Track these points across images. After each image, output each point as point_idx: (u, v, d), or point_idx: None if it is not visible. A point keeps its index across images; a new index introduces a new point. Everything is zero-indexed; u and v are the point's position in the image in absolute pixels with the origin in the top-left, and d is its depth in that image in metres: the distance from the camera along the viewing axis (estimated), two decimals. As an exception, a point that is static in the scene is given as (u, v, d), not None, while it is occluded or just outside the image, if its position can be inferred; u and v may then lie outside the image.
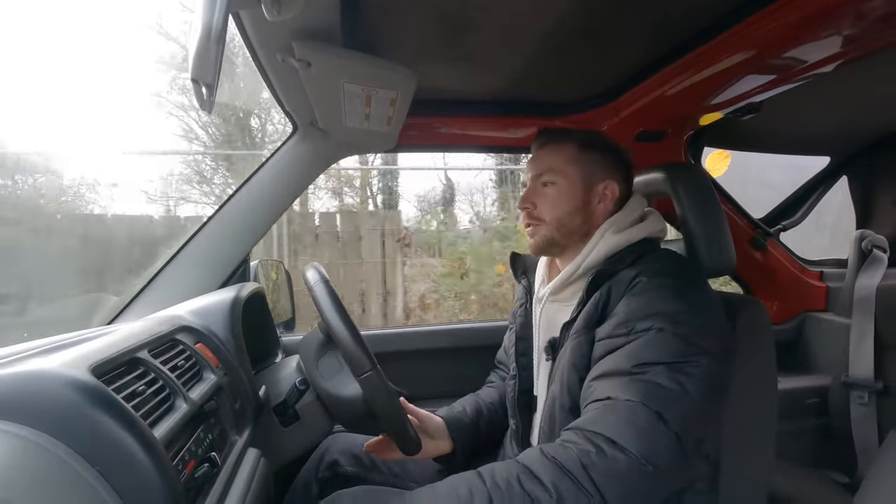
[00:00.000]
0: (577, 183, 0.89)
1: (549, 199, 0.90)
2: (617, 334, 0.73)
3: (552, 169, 0.90)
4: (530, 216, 0.92)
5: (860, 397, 1.35)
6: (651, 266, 0.78)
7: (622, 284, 0.77)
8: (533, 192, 0.92)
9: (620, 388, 0.66)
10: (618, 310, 0.75)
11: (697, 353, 0.68)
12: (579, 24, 0.88)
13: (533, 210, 0.91)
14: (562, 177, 0.89)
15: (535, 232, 0.91)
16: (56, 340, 0.65)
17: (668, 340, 0.69)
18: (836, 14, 0.74)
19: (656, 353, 0.68)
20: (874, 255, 1.48)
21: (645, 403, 0.63)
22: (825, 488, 1.32)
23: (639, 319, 0.72)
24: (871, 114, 1.44)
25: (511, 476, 0.64)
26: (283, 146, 1.17)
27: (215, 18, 0.51)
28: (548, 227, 0.90)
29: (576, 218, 0.89)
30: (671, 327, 0.69)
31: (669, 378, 0.66)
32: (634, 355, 0.69)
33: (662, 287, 0.74)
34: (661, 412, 0.63)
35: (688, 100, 1.13)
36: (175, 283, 1.08)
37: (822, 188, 1.79)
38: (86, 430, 0.47)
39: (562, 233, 0.89)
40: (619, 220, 0.88)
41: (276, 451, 0.88)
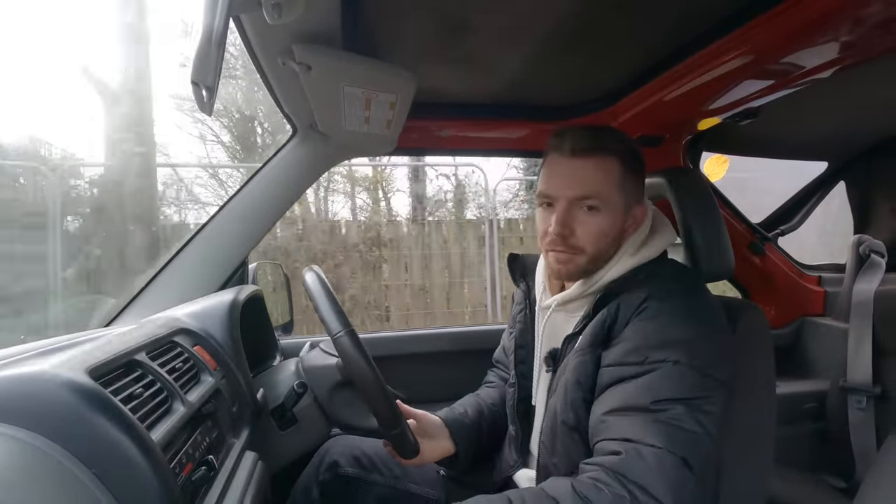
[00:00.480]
0: (619, 210, 0.80)
1: (593, 227, 0.78)
2: (629, 362, 0.69)
3: (600, 193, 0.78)
4: (566, 244, 0.79)
5: (858, 402, 1.35)
6: (660, 287, 0.74)
7: (630, 306, 0.74)
8: (571, 217, 0.79)
9: (642, 430, 0.64)
10: (627, 334, 0.72)
11: (713, 387, 0.67)
12: (578, 28, 0.88)
13: (570, 238, 0.79)
14: (609, 204, 0.78)
15: (568, 260, 0.81)
16: (53, 342, 0.65)
17: (684, 374, 0.66)
18: (833, 20, 0.75)
19: (674, 388, 0.66)
20: (872, 259, 1.49)
21: (671, 450, 0.62)
22: (823, 493, 1.32)
23: (652, 348, 0.68)
24: (869, 119, 1.44)
25: None
26: (283, 149, 1.17)
27: (216, 22, 0.52)
28: (585, 258, 0.80)
29: (611, 248, 0.82)
30: (687, 359, 0.67)
31: (690, 418, 0.64)
32: (651, 390, 0.66)
33: (673, 312, 0.71)
34: (686, 458, 0.62)
35: (686, 104, 1.13)
36: (173, 286, 1.07)
37: (819, 193, 1.80)
38: (83, 432, 0.47)
39: (596, 262, 0.81)
40: (636, 239, 0.83)
41: (274, 454, 0.87)
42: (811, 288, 1.72)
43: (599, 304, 0.79)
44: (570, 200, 0.79)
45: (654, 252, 0.83)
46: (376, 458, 1.04)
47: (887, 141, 1.60)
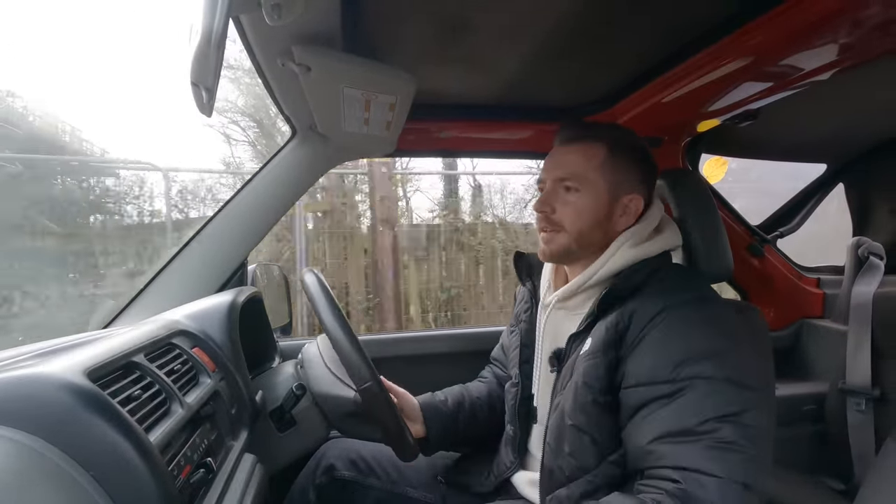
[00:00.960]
0: (603, 194, 0.83)
1: (570, 206, 0.83)
2: (659, 380, 0.68)
3: (577, 174, 0.83)
4: (548, 220, 0.85)
5: (857, 404, 1.35)
6: (674, 296, 0.74)
7: (645, 315, 0.72)
8: (553, 196, 0.85)
9: (696, 457, 0.62)
10: (646, 347, 0.71)
11: (751, 398, 0.66)
12: (577, 30, 0.88)
13: (551, 214, 0.85)
14: (588, 184, 0.83)
15: (551, 239, 0.85)
16: (51, 345, 0.65)
17: (720, 389, 0.65)
18: (832, 22, 0.75)
19: (715, 406, 0.64)
20: (871, 262, 1.49)
21: (731, 478, 0.61)
22: (821, 495, 1.32)
23: (680, 365, 0.67)
24: (868, 121, 1.45)
25: None
26: (282, 150, 1.17)
27: (216, 23, 0.52)
28: (566, 237, 0.84)
29: (596, 231, 0.84)
30: (719, 372, 0.66)
31: (740, 437, 0.63)
32: (692, 412, 0.64)
33: (694, 323, 0.70)
34: (746, 482, 0.61)
35: (685, 106, 1.13)
36: (172, 287, 1.07)
37: (818, 195, 1.80)
38: (81, 434, 0.46)
39: (580, 244, 0.84)
40: (637, 233, 0.84)
41: (273, 456, 0.87)
42: (810, 290, 1.72)
43: (605, 304, 0.78)
44: (553, 181, 0.86)
45: (657, 249, 0.83)
46: (373, 461, 1.03)
47: (886, 143, 1.60)
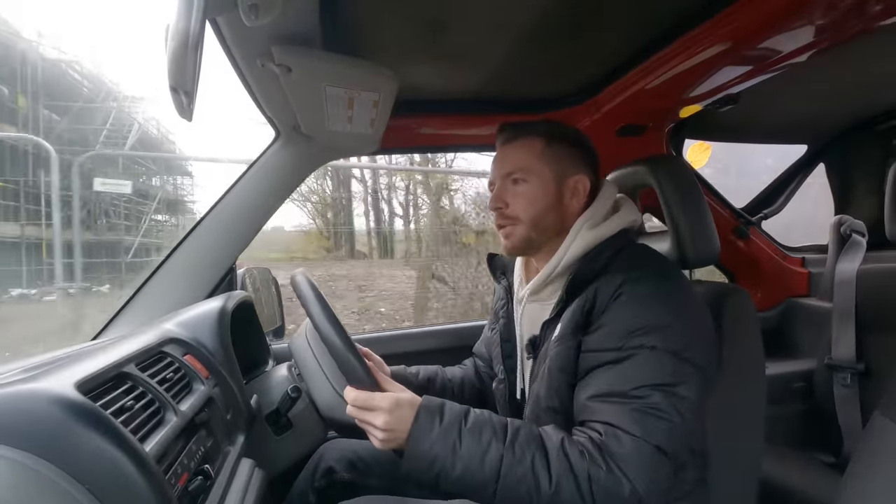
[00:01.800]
0: (548, 179, 0.87)
1: (521, 197, 0.87)
2: (607, 348, 0.73)
3: (522, 166, 0.87)
4: (503, 216, 0.89)
5: (843, 379, 1.38)
6: (635, 272, 0.77)
7: (607, 292, 0.76)
8: (504, 191, 0.89)
9: (622, 416, 0.68)
10: (605, 320, 0.75)
11: (690, 372, 0.70)
12: (557, 21, 0.88)
13: (505, 209, 0.88)
14: (533, 174, 0.87)
15: (510, 233, 0.89)
16: (40, 360, 0.64)
17: (661, 360, 0.70)
18: (807, 4, 0.76)
19: (651, 374, 0.69)
20: (853, 239, 1.52)
21: (647, 440, 0.66)
22: (813, 469, 1.35)
23: (630, 334, 0.72)
24: (845, 101, 1.47)
25: (529, 449, 0.67)
26: (266, 152, 1.16)
27: (192, 25, 0.51)
28: (524, 227, 0.87)
29: (550, 215, 0.87)
30: (663, 343, 0.70)
31: (667, 405, 0.68)
32: (630, 377, 0.70)
33: (649, 297, 0.74)
34: (661, 446, 0.66)
35: (667, 92, 1.14)
36: (161, 295, 1.06)
37: (800, 176, 1.83)
38: (74, 448, 0.46)
39: (538, 231, 0.88)
40: (593, 215, 0.86)
41: (271, 460, 0.87)
42: (795, 269, 1.75)
43: (572, 287, 0.81)
44: (501, 178, 0.90)
45: (615, 227, 0.85)
46: (373, 461, 1.03)
47: (863, 122, 1.63)
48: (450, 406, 0.72)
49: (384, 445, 0.71)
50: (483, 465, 0.66)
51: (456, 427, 0.69)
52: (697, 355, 0.72)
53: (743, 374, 0.91)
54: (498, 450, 0.67)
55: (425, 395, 0.73)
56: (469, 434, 0.68)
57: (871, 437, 0.77)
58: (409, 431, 0.68)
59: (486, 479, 0.66)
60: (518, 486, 0.65)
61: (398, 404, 0.70)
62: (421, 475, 0.68)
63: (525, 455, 0.67)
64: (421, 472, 0.68)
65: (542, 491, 0.65)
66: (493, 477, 0.66)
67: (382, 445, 0.71)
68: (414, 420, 0.69)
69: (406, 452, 0.68)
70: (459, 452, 0.67)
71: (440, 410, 0.70)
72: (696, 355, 0.72)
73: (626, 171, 1.07)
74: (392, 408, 0.70)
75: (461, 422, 0.70)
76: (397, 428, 0.69)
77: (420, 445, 0.67)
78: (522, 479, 0.65)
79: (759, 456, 0.93)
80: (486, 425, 0.70)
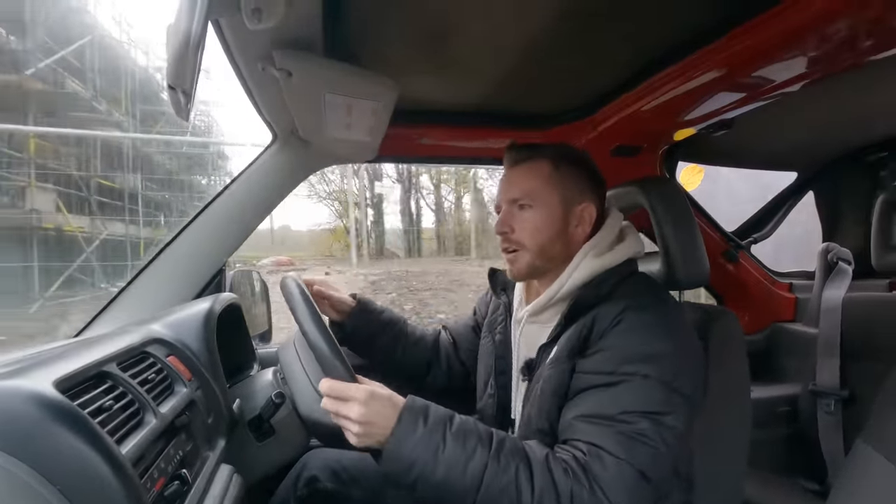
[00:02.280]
0: (555, 207, 0.87)
1: (527, 223, 0.87)
2: (602, 371, 0.73)
3: (529, 192, 0.87)
4: (509, 240, 0.88)
5: (827, 405, 1.39)
6: (636, 301, 0.78)
7: (606, 318, 0.76)
8: (510, 216, 0.89)
9: (607, 439, 0.68)
10: (602, 345, 0.75)
11: (679, 403, 0.71)
12: (558, 39, 0.89)
13: (511, 234, 0.88)
14: (540, 200, 0.87)
15: (516, 259, 0.89)
16: (20, 356, 0.62)
17: (652, 388, 0.70)
18: (801, 36, 0.78)
19: (641, 402, 0.69)
20: (839, 267, 1.54)
21: (630, 462, 0.66)
22: (797, 496, 1.35)
23: (625, 361, 0.72)
24: (837, 131, 1.50)
25: (513, 460, 0.67)
26: (262, 155, 1.16)
27: (194, 25, 0.51)
28: (529, 254, 0.87)
29: (556, 244, 0.87)
30: (656, 373, 0.71)
31: (654, 433, 0.68)
32: (619, 402, 0.70)
33: (648, 326, 0.74)
34: (644, 471, 0.66)
35: (663, 115, 1.16)
36: (148, 294, 1.05)
37: (789, 202, 1.86)
38: (47, 448, 0.45)
39: (543, 259, 0.87)
40: (598, 243, 0.87)
41: (251, 466, 0.85)
42: (783, 294, 1.77)
43: (572, 313, 0.81)
44: (508, 203, 0.90)
45: (620, 257, 0.86)
46: (356, 471, 1.02)
47: (854, 152, 1.66)
48: (434, 408, 0.71)
49: (360, 440, 0.68)
50: (465, 472, 0.65)
51: (440, 430, 0.68)
52: (687, 384, 0.73)
53: (728, 396, 0.91)
54: (482, 458, 0.66)
55: (409, 395, 0.72)
56: (453, 439, 0.67)
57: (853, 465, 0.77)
58: (390, 431, 0.67)
59: (468, 487, 0.65)
60: (500, 498, 0.65)
61: (374, 396, 0.69)
62: (399, 477, 0.67)
63: (510, 465, 0.66)
64: (400, 474, 0.66)
65: None
66: (475, 485, 0.65)
67: (358, 440, 0.68)
68: (397, 421, 0.67)
69: (385, 453, 0.67)
70: (442, 457, 0.66)
71: (424, 412, 0.69)
72: (685, 384, 0.72)
73: (619, 191, 1.08)
74: (367, 399, 0.68)
75: (446, 425, 0.69)
76: (374, 422, 0.67)
77: (402, 447, 0.66)
78: (504, 491, 0.65)
79: (743, 480, 0.93)
80: (471, 432, 0.69)
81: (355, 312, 1.09)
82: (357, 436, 0.68)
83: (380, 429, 0.68)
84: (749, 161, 1.81)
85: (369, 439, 0.68)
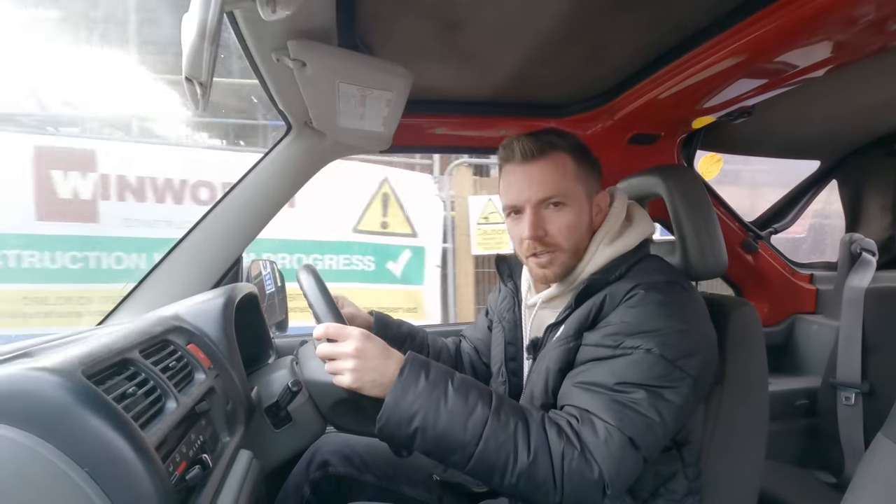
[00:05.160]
0: (584, 201, 0.83)
1: (562, 223, 0.82)
2: (605, 344, 0.73)
3: (561, 190, 0.81)
4: (542, 242, 0.82)
5: (847, 398, 1.37)
6: (647, 278, 0.77)
7: (617, 296, 0.76)
8: (541, 218, 0.82)
9: (601, 406, 0.69)
10: (610, 319, 0.75)
11: (680, 378, 0.71)
12: (574, 26, 0.88)
13: (545, 237, 0.82)
14: (572, 197, 0.82)
15: (550, 261, 0.83)
16: (45, 341, 0.64)
17: (654, 363, 0.70)
18: (826, 19, 0.75)
19: (640, 374, 0.69)
20: (863, 257, 1.50)
21: (621, 429, 0.67)
22: (812, 488, 1.34)
23: (629, 335, 0.72)
24: (860, 118, 1.46)
25: (512, 418, 0.68)
26: (277, 146, 1.17)
27: (209, 17, 0.51)
28: (566, 255, 0.83)
29: (585, 238, 0.85)
30: (660, 349, 0.70)
31: (648, 404, 0.68)
32: (618, 373, 0.70)
33: (657, 303, 0.74)
34: (634, 439, 0.67)
35: (681, 103, 1.13)
36: (167, 284, 1.07)
37: (812, 191, 1.81)
38: (75, 431, 0.46)
39: (577, 256, 0.84)
40: (610, 228, 0.85)
41: (269, 452, 0.87)
42: (803, 286, 1.74)
43: (582, 296, 0.80)
44: (536, 203, 0.82)
45: (632, 242, 0.85)
46: (368, 457, 1.03)
47: (879, 140, 1.61)
48: (435, 364, 0.71)
49: (354, 376, 0.68)
50: (467, 426, 0.66)
51: (442, 384, 0.68)
52: (692, 366, 0.72)
53: (745, 388, 0.90)
54: (484, 413, 0.67)
55: (410, 351, 0.73)
56: (456, 393, 0.68)
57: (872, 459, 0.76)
58: (388, 378, 0.68)
59: (467, 440, 0.66)
60: (498, 452, 0.65)
61: (369, 337, 0.70)
62: (399, 428, 0.67)
63: (509, 422, 0.67)
64: (400, 424, 0.66)
65: (519, 461, 0.65)
66: (475, 439, 0.65)
67: (352, 377, 0.69)
68: (399, 372, 0.68)
69: (387, 403, 0.67)
70: (444, 409, 0.66)
71: (426, 366, 0.70)
72: (690, 365, 0.72)
73: (636, 179, 1.07)
74: (362, 337, 0.70)
75: (448, 380, 0.69)
76: (368, 357, 0.69)
77: (405, 397, 0.67)
78: (502, 446, 0.65)
79: (759, 472, 0.92)
80: (472, 387, 0.70)
81: (374, 329, 1.05)
82: (352, 371, 0.69)
83: (373, 370, 0.68)
84: (770, 149, 1.76)
85: (363, 376, 0.69)
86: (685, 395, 0.71)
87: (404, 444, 0.68)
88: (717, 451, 0.86)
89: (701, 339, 0.76)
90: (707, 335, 0.78)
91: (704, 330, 0.78)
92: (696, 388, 0.73)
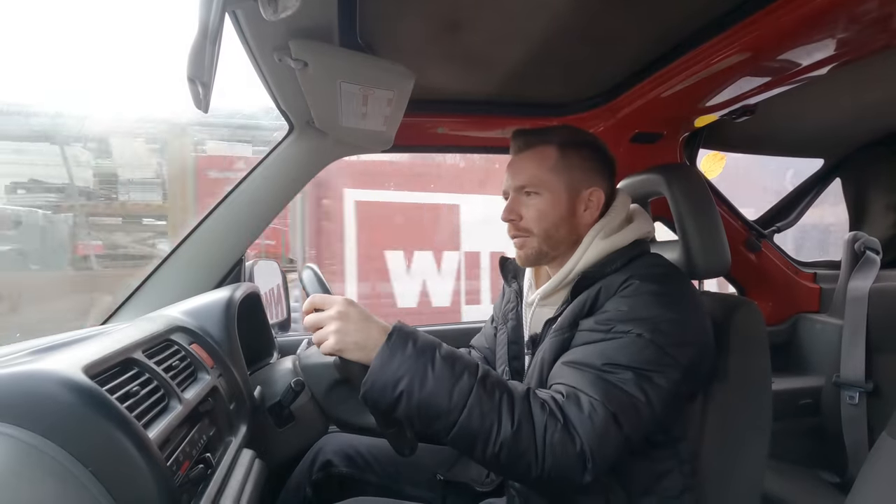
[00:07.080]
0: (561, 192, 0.87)
1: (533, 209, 0.87)
2: (597, 329, 0.75)
3: (534, 179, 0.87)
4: (516, 228, 0.89)
5: (851, 398, 1.36)
6: (643, 270, 0.79)
7: (612, 286, 0.78)
8: (517, 203, 0.89)
9: (587, 383, 0.69)
10: (605, 307, 0.77)
11: (669, 364, 0.71)
12: (576, 25, 0.88)
13: (518, 222, 0.89)
14: (545, 187, 0.87)
15: (523, 244, 0.90)
16: (49, 341, 0.65)
17: (644, 347, 0.71)
18: (830, 17, 0.75)
19: (629, 357, 0.70)
20: (867, 256, 1.49)
21: (605, 405, 0.67)
22: (816, 488, 1.33)
23: (621, 321, 0.73)
24: (864, 116, 1.45)
25: (498, 389, 0.68)
26: (279, 146, 1.17)
27: (211, 17, 0.51)
28: (535, 240, 0.88)
29: (562, 229, 0.87)
30: (650, 335, 0.71)
31: (635, 385, 0.69)
32: (607, 354, 0.71)
33: (651, 293, 0.75)
34: (617, 415, 0.67)
35: (684, 101, 1.13)
36: (170, 283, 1.07)
37: (815, 190, 1.80)
38: (79, 430, 0.46)
39: (550, 244, 0.88)
40: (606, 225, 0.87)
41: (271, 451, 0.87)
42: (807, 285, 1.73)
43: (577, 290, 0.82)
44: (515, 190, 0.90)
45: (628, 238, 0.86)
46: (370, 457, 1.03)
47: (883, 138, 1.60)
48: (423, 334, 0.72)
49: (337, 338, 0.69)
50: (452, 393, 0.66)
51: (429, 351, 0.69)
52: (684, 355, 0.72)
53: (749, 387, 0.90)
54: (469, 381, 0.67)
55: (398, 320, 0.73)
56: (443, 361, 0.68)
57: (877, 459, 0.76)
58: (372, 342, 0.68)
59: (452, 407, 0.66)
60: (482, 421, 0.65)
61: (352, 303, 0.72)
62: (383, 392, 0.66)
63: (494, 393, 0.67)
64: (385, 387, 0.66)
65: (503, 431, 0.65)
66: (459, 407, 0.66)
67: (336, 339, 0.69)
68: (387, 338, 0.68)
69: (373, 367, 0.67)
70: (431, 374, 0.66)
71: (413, 335, 0.70)
72: (682, 354, 0.72)
73: (638, 178, 1.06)
74: (345, 302, 0.71)
75: (436, 348, 0.70)
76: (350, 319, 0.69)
77: (391, 361, 0.67)
78: (487, 415, 0.66)
79: (762, 471, 0.92)
80: (459, 357, 0.70)
81: None
82: (334, 333, 0.69)
83: (356, 331, 0.69)
84: (773, 148, 1.76)
85: (345, 337, 0.69)
86: (675, 381, 0.71)
87: (388, 410, 0.68)
88: (719, 449, 0.86)
89: (695, 330, 0.76)
90: (702, 327, 0.78)
91: (699, 322, 0.78)
92: (686, 378, 0.73)
